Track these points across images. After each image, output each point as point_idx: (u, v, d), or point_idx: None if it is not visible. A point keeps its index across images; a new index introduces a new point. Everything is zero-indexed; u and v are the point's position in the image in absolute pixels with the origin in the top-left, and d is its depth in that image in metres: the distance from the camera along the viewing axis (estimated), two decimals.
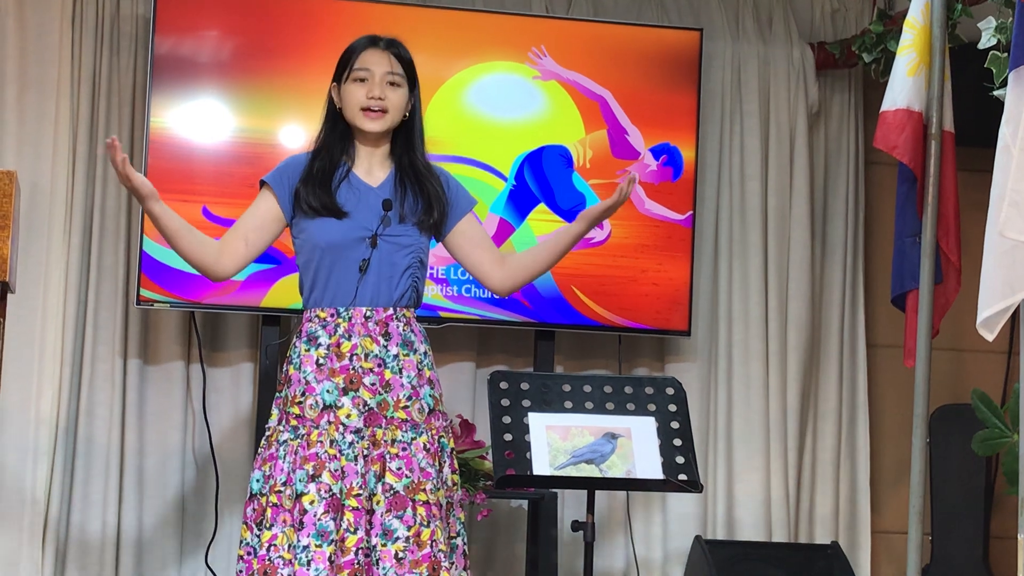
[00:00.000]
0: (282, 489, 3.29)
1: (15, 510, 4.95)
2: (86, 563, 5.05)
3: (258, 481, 3.34)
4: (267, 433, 3.40)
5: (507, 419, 3.93)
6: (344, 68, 3.48)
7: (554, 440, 3.93)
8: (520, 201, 5.20)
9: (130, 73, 5.17)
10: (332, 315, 3.39)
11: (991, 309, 3.36)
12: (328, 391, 3.34)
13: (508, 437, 3.90)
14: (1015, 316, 3.52)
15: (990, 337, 3.40)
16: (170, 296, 4.92)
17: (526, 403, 3.98)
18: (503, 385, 4.00)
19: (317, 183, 3.42)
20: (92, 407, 5.08)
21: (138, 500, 5.13)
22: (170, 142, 4.98)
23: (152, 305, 4.95)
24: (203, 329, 5.19)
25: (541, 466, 3.87)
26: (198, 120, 5.01)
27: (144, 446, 5.16)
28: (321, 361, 3.36)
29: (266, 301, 4.97)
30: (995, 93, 4.04)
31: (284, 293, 4.95)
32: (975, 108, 4.68)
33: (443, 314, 5.03)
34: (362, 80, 3.45)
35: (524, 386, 4.01)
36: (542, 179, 5.22)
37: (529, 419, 3.94)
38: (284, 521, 3.28)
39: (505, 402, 3.97)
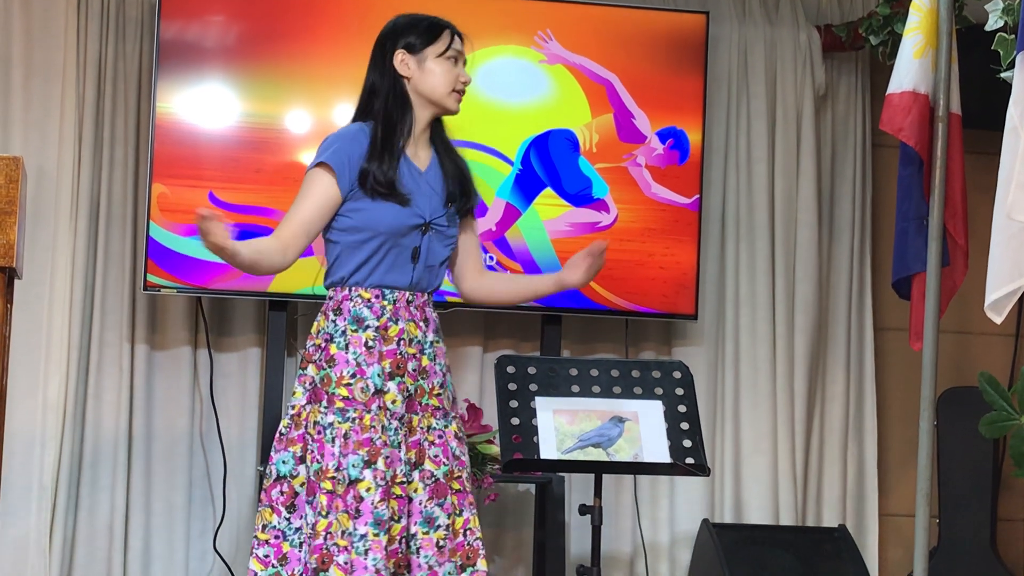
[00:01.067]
0: (335, 475, 3.20)
1: (23, 495, 4.96)
2: (94, 548, 5.06)
3: (285, 463, 3.25)
4: (291, 412, 3.29)
5: (514, 403, 3.92)
6: (433, 40, 3.37)
7: (561, 424, 3.92)
8: (526, 185, 5.19)
9: (136, 58, 5.16)
10: (377, 296, 3.31)
11: (999, 292, 3.36)
12: (378, 375, 3.27)
13: (515, 421, 3.89)
14: (1023, 299, 3.51)
15: (998, 320, 3.40)
16: (177, 281, 4.92)
17: (533, 387, 3.97)
18: (510, 369, 3.99)
19: (387, 165, 3.29)
20: (99, 393, 5.09)
21: (146, 485, 5.14)
22: (176, 127, 4.98)
23: (159, 290, 4.95)
24: (210, 314, 5.19)
25: (548, 450, 3.87)
26: (204, 105, 5.00)
27: (152, 431, 5.17)
28: (370, 343, 3.27)
29: (273, 286, 4.97)
30: (1002, 75, 4.02)
31: (291, 278, 4.89)
32: (982, 90, 4.67)
33: (450, 299, 5.01)
34: (454, 60, 3.39)
35: (531, 370, 4.00)
36: (548, 163, 5.21)
37: (536, 403, 3.93)
38: (337, 508, 3.19)
39: (512, 386, 3.96)
